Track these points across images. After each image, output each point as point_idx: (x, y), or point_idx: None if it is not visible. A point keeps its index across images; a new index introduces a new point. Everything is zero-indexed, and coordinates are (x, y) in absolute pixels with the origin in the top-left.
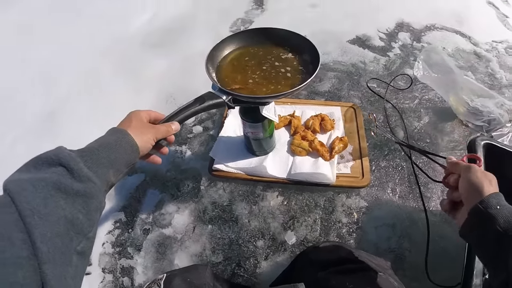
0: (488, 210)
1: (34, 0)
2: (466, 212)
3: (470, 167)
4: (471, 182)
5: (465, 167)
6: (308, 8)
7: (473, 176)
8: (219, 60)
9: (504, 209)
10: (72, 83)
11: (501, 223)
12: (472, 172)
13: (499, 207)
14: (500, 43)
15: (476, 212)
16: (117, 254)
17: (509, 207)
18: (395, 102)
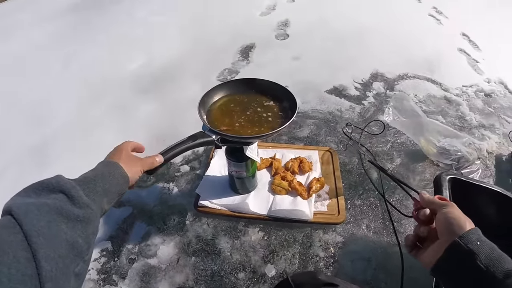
0: (468, 245)
1: (29, 37)
2: (440, 248)
3: (449, 204)
4: (450, 217)
5: (443, 204)
6: (290, 61)
7: (452, 212)
8: (209, 105)
9: (485, 245)
10: (62, 120)
11: (482, 259)
12: (451, 209)
13: (479, 242)
14: (470, 87)
15: (455, 248)
16: (101, 281)
17: (489, 243)
18: (369, 146)
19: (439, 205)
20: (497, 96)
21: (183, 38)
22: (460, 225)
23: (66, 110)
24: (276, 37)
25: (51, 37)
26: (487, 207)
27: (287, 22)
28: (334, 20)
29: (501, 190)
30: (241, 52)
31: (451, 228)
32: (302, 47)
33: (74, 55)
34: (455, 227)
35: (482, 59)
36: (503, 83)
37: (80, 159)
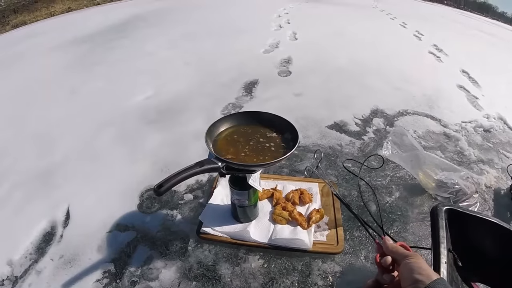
0: None
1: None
2: None
3: (413, 254)
4: (415, 267)
5: (407, 254)
6: (292, 97)
7: (417, 263)
8: (216, 135)
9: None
10: (69, 148)
11: None
12: (415, 259)
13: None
14: (469, 123)
15: None
16: None
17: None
18: (368, 180)
19: (402, 256)
20: (496, 132)
21: (189, 72)
22: (427, 274)
23: (73, 138)
24: (279, 74)
25: (61, 67)
26: (484, 238)
27: (290, 59)
28: (335, 58)
29: (498, 221)
30: (245, 87)
31: (416, 278)
32: (304, 83)
33: (83, 85)
34: (420, 277)
35: (482, 95)
36: (502, 119)
37: (87, 186)
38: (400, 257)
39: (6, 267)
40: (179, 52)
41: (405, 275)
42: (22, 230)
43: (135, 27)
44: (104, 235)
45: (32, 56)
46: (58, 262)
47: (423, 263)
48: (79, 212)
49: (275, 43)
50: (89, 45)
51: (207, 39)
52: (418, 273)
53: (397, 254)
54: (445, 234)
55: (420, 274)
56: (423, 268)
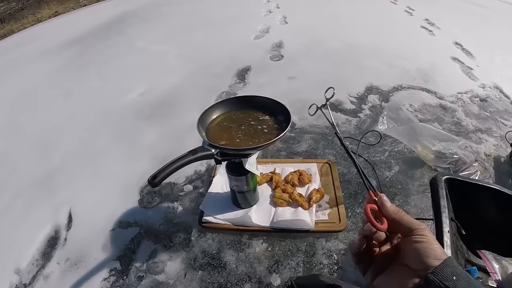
0: (444, 282)
1: (34, 70)
2: (408, 281)
3: (421, 227)
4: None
5: (415, 226)
6: (286, 80)
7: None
8: (208, 123)
9: (461, 279)
10: (69, 149)
11: None
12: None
13: (455, 277)
14: (465, 93)
15: (429, 285)
16: None
17: (465, 276)
18: (367, 156)
19: (408, 229)
20: (493, 100)
21: (182, 65)
22: (435, 255)
23: (71, 140)
24: (271, 59)
25: (54, 71)
26: (486, 206)
27: (281, 43)
28: (326, 39)
29: (500, 187)
30: (238, 75)
31: (422, 259)
32: (297, 67)
33: (77, 87)
34: (428, 258)
35: (476, 65)
36: (498, 88)
37: (87, 187)
38: (405, 229)
39: (14, 275)
40: (170, 45)
41: (414, 258)
42: (27, 237)
43: (126, 24)
44: (108, 234)
45: (24, 63)
46: (65, 265)
47: (434, 240)
48: (81, 213)
49: (266, 29)
50: (80, 47)
51: (198, 30)
52: (424, 253)
53: (401, 223)
54: (446, 204)
55: (426, 254)
56: (430, 246)
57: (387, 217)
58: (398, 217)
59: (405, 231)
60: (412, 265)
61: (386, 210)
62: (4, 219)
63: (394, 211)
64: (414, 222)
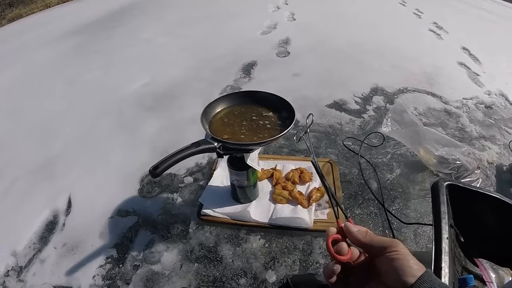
0: None
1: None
2: None
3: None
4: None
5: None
6: (291, 77)
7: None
8: (212, 116)
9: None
10: (69, 137)
11: None
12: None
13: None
14: (470, 99)
15: None
16: (106, 287)
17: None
18: (369, 158)
19: (381, 248)
20: (498, 108)
21: (186, 58)
22: (411, 273)
23: (72, 128)
24: (277, 55)
25: (58, 59)
26: (486, 214)
27: (288, 40)
28: (334, 37)
29: (501, 196)
30: (243, 69)
31: (399, 277)
32: (303, 64)
33: (80, 75)
34: (404, 276)
35: (483, 72)
36: (503, 95)
37: (87, 174)
38: (378, 249)
39: (11, 258)
40: (175, 38)
41: (391, 276)
42: (25, 221)
43: (131, 15)
44: (106, 221)
45: (29, 48)
46: (61, 250)
47: (408, 256)
48: (81, 200)
49: (273, 24)
50: (85, 35)
51: (203, 24)
52: (400, 269)
53: (373, 245)
54: (446, 210)
55: (403, 271)
56: (406, 263)
57: (357, 243)
58: (368, 240)
59: (379, 250)
60: (389, 284)
61: (355, 237)
62: (3, 203)
63: (362, 236)
64: (385, 240)
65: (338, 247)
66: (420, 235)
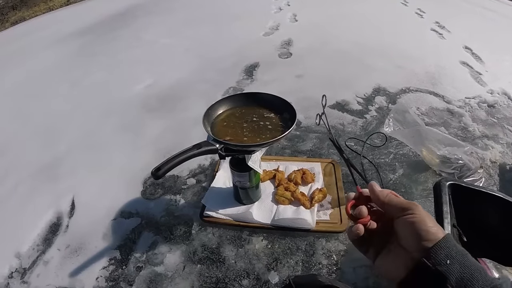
0: (436, 267)
1: (41, 59)
2: (403, 263)
3: (412, 205)
4: (416, 227)
5: (406, 205)
6: (294, 78)
7: (417, 217)
8: (214, 118)
9: (456, 263)
10: (73, 138)
11: (453, 281)
12: (417, 212)
13: (449, 260)
14: (473, 98)
15: (421, 269)
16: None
17: (460, 257)
18: (371, 158)
19: (399, 208)
20: (501, 107)
21: (189, 59)
22: (428, 236)
23: (76, 130)
24: (279, 56)
25: (62, 60)
26: (489, 213)
27: (290, 41)
28: (336, 38)
29: (503, 195)
30: (246, 71)
31: (414, 241)
32: (305, 65)
33: (84, 77)
34: (420, 240)
35: (485, 71)
36: (506, 94)
37: (91, 176)
38: (396, 210)
39: (15, 259)
40: (178, 39)
41: (407, 239)
42: (29, 223)
43: (135, 16)
44: (109, 223)
45: (33, 51)
46: (65, 252)
47: (427, 218)
48: (84, 202)
49: (275, 26)
50: (89, 37)
51: (206, 25)
52: (418, 233)
53: (391, 205)
54: (449, 209)
55: (420, 234)
56: (424, 226)
57: (377, 202)
58: (388, 200)
59: (397, 212)
60: (406, 247)
61: (376, 195)
62: (7, 204)
63: (383, 195)
64: (404, 202)
65: (357, 210)
66: None
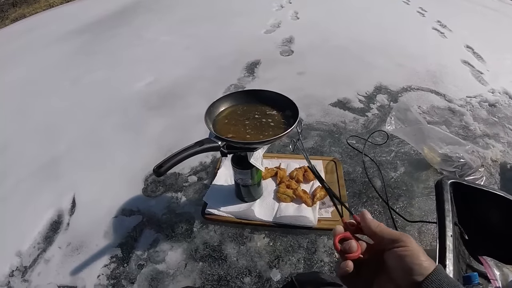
0: None
1: (41, 58)
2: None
3: (403, 237)
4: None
5: (396, 237)
6: (295, 76)
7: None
8: (216, 115)
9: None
10: (74, 136)
11: None
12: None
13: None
14: (474, 97)
15: None
16: (111, 286)
17: None
18: (372, 156)
19: (390, 240)
20: (502, 106)
21: (190, 57)
22: (420, 271)
23: (77, 128)
24: (281, 54)
25: (62, 58)
26: (491, 212)
27: (292, 39)
28: (338, 36)
29: (504, 194)
30: (247, 68)
31: (406, 275)
32: (307, 62)
33: (84, 75)
34: (412, 275)
35: (486, 70)
36: (507, 93)
37: (92, 174)
38: (387, 242)
39: (15, 258)
40: (179, 37)
41: (398, 273)
42: (30, 221)
43: (135, 14)
44: (110, 221)
45: (34, 49)
46: (66, 250)
47: (419, 252)
48: (85, 200)
49: (277, 23)
50: (89, 35)
51: (207, 22)
52: (409, 267)
53: (382, 236)
54: (450, 208)
55: (411, 268)
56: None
57: (368, 232)
58: (379, 230)
59: (388, 243)
60: (397, 280)
61: (367, 224)
62: (8, 203)
63: (375, 225)
64: (395, 234)
65: (347, 245)
66: (425, 233)
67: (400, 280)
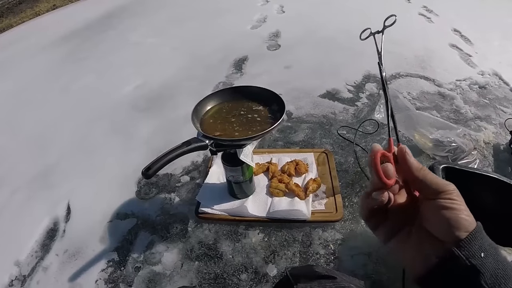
0: (471, 260)
1: (28, 67)
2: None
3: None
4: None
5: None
6: (283, 70)
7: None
8: (202, 114)
9: (490, 257)
10: (65, 144)
11: (487, 278)
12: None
13: (483, 253)
14: (464, 80)
15: (454, 262)
16: None
17: (493, 250)
18: (364, 145)
19: (435, 190)
20: (492, 88)
21: (177, 57)
22: (465, 226)
23: (68, 135)
24: (268, 48)
25: (50, 67)
26: (485, 194)
27: (278, 33)
28: (323, 27)
29: (498, 175)
30: (234, 65)
31: (451, 230)
32: (294, 55)
33: (73, 82)
34: (457, 230)
35: (475, 52)
36: (497, 74)
37: (85, 180)
38: (430, 190)
39: (14, 267)
40: (165, 38)
41: (440, 226)
42: (26, 230)
43: (120, 18)
44: (106, 225)
45: (21, 58)
46: (63, 257)
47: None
48: (80, 206)
49: (262, 18)
50: (75, 42)
51: (192, 21)
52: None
53: (425, 183)
54: None
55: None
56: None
57: (408, 174)
58: (422, 175)
59: (430, 192)
60: (436, 234)
61: (409, 165)
62: (3, 214)
63: (417, 168)
64: (441, 182)
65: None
66: None
67: (442, 234)
